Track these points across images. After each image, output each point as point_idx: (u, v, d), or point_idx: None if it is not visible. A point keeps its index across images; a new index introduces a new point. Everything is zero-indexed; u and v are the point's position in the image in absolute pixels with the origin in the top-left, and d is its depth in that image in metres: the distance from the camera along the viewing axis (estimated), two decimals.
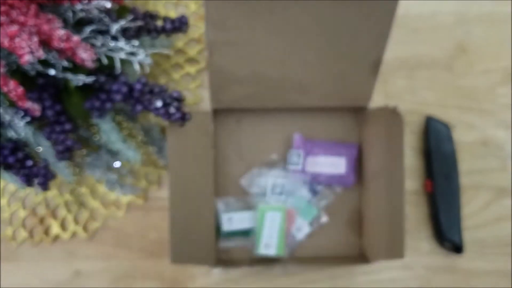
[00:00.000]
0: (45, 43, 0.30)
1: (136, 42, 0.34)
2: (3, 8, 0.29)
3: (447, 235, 0.41)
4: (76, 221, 0.42)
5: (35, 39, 0.29)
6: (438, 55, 0.44)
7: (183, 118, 0.33)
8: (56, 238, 0.41)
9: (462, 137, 0.44)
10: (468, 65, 0.44)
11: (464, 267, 0.43)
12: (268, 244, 0.39)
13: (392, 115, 0.35)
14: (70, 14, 0.32)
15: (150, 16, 0.36)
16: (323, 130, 0.42)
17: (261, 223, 0.39)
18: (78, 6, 0.32)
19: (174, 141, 0.36)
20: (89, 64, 0.31)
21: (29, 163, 0.34)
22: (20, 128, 0.33)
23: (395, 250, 0.35)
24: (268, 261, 0.40)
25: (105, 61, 0.32)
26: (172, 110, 0.33)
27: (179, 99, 0.33)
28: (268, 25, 0.32)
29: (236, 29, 0.32)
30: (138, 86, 0.33)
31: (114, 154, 0.40)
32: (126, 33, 0.35)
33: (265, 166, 0.41)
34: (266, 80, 0.36)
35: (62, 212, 0.42)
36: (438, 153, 0.42)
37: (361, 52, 0.34)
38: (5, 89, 0.29)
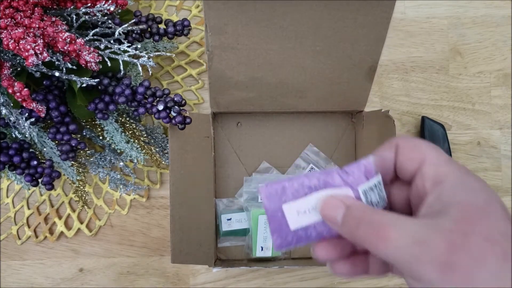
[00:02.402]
0: (50, 45, 0.31)
1: (139, 45, 0.34)
2: (8, 11, 0.30)
3: None
4: (80, 219, 0.42)
5: (40, 41, 0.29)
6: (433, 58, 0.44)
7: (184, 122, 0.34)
8: (60, 236, 0.42)
9: (457, 137, 0.44)
10: (463, 67, 0.45)
11: None
12: (264, 247, 0.40)
13: (384, 118, 0.35)
14: (74, 17, 0.33)
15: (153, 20, 0.36)
16: (320, 132, 0.43)
17: (255, 227, 0.40)
18: (82, 10, 0.32)
19: (175, 144, 0.36)
20: (93, 66, 0.31)
21: (34, 163, 0.35)
22: (25, 129, 0.33)
23: None
24: (265, 261, 0.41)
25: (108, 63, 0.33)
26: (173, 114, 0.33)
27: (180, 104, 0.34)
28: (266, 31, 0.32)
29: (235, 34, 0.32)
30: (140, 90, 0.34)
31: (118, 154, 0.40)
32: (129, 36, 0.35)
33: (258, 173, 0.42)
34: (265, 85, 0.36)
35: (66, 210, 0.42)
36: None
37: (357, 58, 0.35)
38: (10, 90, 0.30)
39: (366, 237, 0.19)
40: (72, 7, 0.32)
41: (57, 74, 0.32)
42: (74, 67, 0.32)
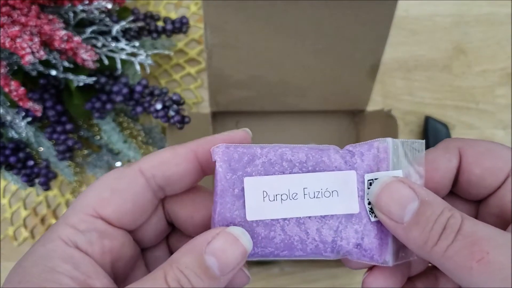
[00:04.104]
0: (47, 43, 0.30)
1: (137, 43, 0.34)
2: (4, 9, 0.29)
3: None
4: None
5: (37, 39, 0.29)
6: (436, 56, 0.44)
7: (182, 121, 0.33)
8: None
9: (461, 137, 0.44)
10: (466, 66, 0.44)
11: None
12: None
13: (387, 118, 0.35)
14: (71, 15, 0.32)
15: (151, 17, 0.36)
16: (321, 132, 0.42)
17: None
18: (79, 7, 0.32)
19: (173, 143, 0.36)
20: (90, 64, 0.31)
21: (30, 163, 0.34)
22: (21, 128, 0.33)
23: None
24: (265, 263, 0.41)
25: (106, 61, 0.33)
26: (171, 113, 0.33)
27: (179, 102, 0.33)
28: (266, 29, 0.32)
29: (235, 32, 0.32)
30: (138, 88, 0.33)
31: (115, 154, 0.40)
32: (127, 34, 0.35)
33: None
34: (265, 83, 0.36)
35: (63, 211, 0.42)
36: None
37: (359, 56, 0.34)
38: (6, 89, 0.30)
39: (448, 251, 0.13)
40: (69, 5, 0.32)
41: (53, 72, 0.32)
42: (71, 65, 0.32)
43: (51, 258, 0.14)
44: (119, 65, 0.33)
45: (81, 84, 0.32)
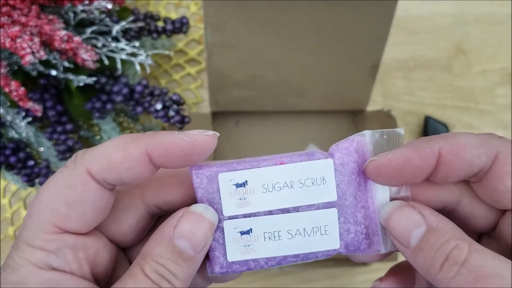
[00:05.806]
0: (47, 43, 0.30)
1: (137, 43, 0.34)
2: (4, 9, 0.29)
3: None
4: None
5: (37, 40, 0.29)
6: (436, 56, 0.44)
7: (182, 121, 0.33)
8: None
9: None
10: (467, 66, 0.44)
11: None
12: None
13: (387, 118, 0.35)
14: (71, 15, 0.32)
15: (151, 17, 0.36)
16: (321, 132, 0.42)
17: None
18: (79, 7, 0.32)
19: None
20: (90, 64, 0.31)
21: (31, 163, 0.34)
22: (21, 128, 0.33)
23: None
24: None
25: (106, 62, 0.33)
26: (171, 113, 0.33)
27: (179, 102, 0.33)
28: (266, 29, 0.32)
29: (235, 32, 0.32)
30: (138, 88, 0.33)
31: None
32: (127, 34, 0.35)
33: None
34: (265, 83, 0.36)
35: None
36: None
37: (359, 56, 0.34)
38: (7, 89, 0.30)
39: (451, 283, 0.12)
40: (69, 5, 0.32)
41: (54, 73, 0.32)
42: (71, 65, 0.32)
43: (27, 285, 0.13)
44: (119, 65, 0.33)
45: (81, 84, 0.32)
